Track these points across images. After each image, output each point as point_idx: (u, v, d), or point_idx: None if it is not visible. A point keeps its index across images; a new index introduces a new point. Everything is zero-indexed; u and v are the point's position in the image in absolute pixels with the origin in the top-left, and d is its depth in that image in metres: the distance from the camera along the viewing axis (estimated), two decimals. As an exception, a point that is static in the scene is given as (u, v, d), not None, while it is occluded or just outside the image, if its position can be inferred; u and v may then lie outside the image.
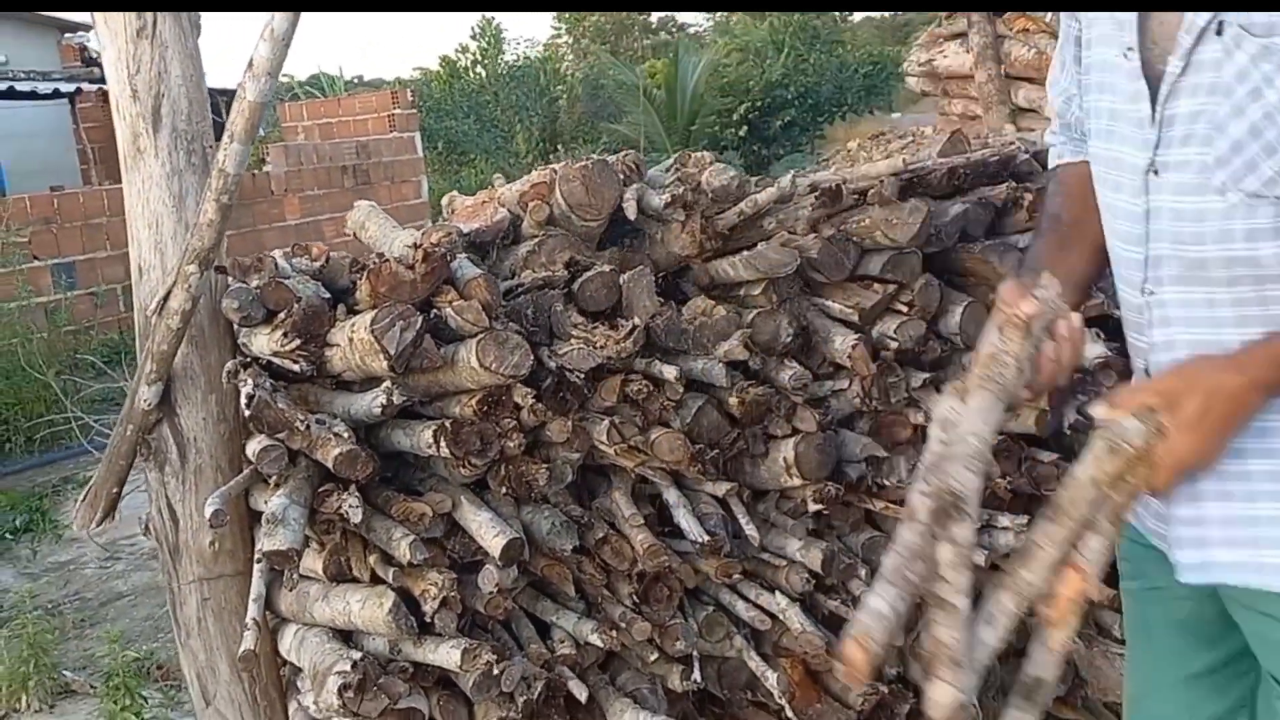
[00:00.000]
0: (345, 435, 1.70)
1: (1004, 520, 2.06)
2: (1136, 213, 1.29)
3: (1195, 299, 1.27)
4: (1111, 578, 2.07)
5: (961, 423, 1.21)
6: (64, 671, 3.45)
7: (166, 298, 1.71)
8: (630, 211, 1.93)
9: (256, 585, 1.78)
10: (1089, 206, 1.43)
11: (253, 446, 1.71)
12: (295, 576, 1.75)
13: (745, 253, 1.97)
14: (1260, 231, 1.20)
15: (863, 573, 2.00)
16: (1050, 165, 1.57)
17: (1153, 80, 1.24)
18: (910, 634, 2.05)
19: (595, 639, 1.85)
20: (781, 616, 1.94)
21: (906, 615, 1.09)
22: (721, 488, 1.95)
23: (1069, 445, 2.12)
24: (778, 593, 1.96)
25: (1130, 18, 1.26)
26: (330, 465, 1.68)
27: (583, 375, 1.82)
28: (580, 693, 1.84)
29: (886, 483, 2.02)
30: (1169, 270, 1.28)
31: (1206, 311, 1.27)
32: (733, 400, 1.93)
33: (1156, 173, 1.25)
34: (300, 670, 1.84)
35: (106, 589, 4.32)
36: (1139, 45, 1.25)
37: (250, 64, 1.56)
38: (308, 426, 1.67)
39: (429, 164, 11.87)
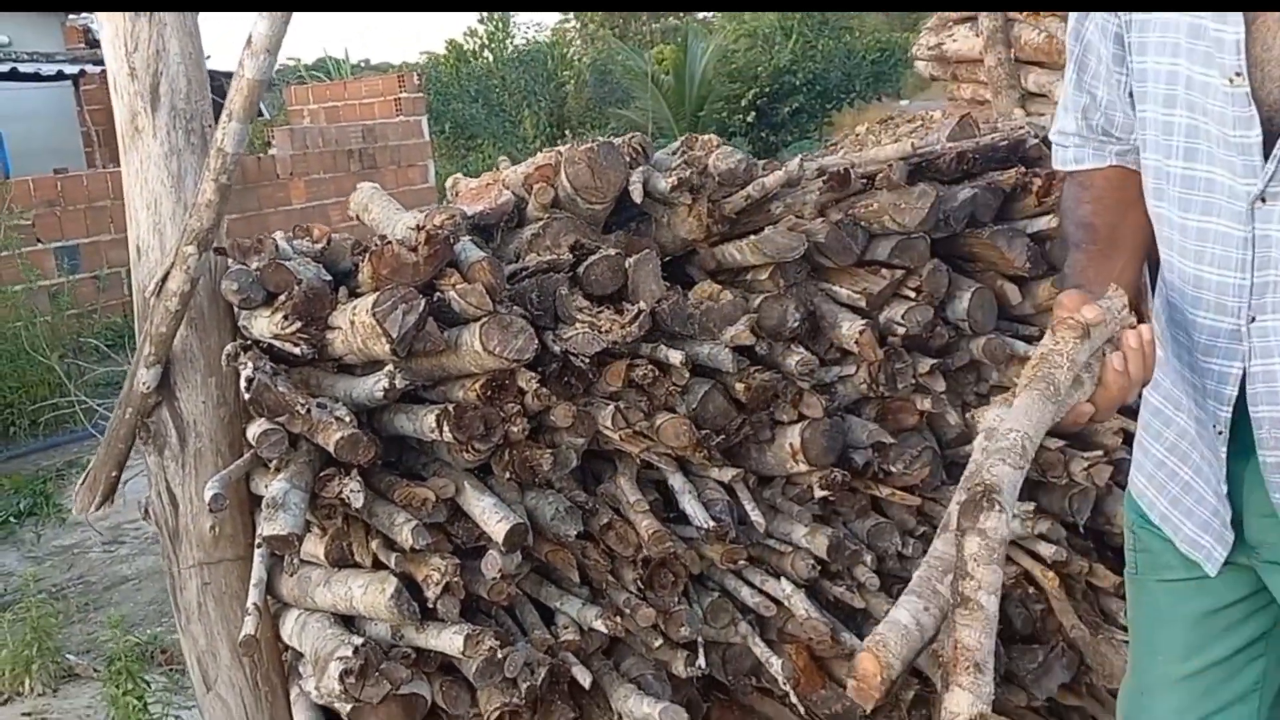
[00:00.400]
0: (347, 419, 1.68)
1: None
2: (1237, 238, 1.26)
3: None
4: (1116, 565, 2.04)
5: (1004, 420, 1.14)
6: (67, 655, 3.45)
7: (165, 279, 1.69)
8: (636, 194, 1.91)
9: (257, 570, 1.77)
10: (1123, 212, 1.40)
11: (253, 430, 1.69)
12: (296, 562, 1.74)
13: (752, 237, 1.94)
14: None
15: (868, 559, 1.99)
16: (1062, 167, 1.50)
17: (1261, 107, 1.20)
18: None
19: (599, 625, 1.83)
20: (786, 603, 1.93)
21: (932, 629, 1.01)
22: (727, 473, 1.94)
23: (1075, 434, 2.10)
24: (783, 579, 1.94)
25: (1233, 40, 1.19)
26: (331, 449, 1.66)
27: (587, 360, 1.80)
28: (584, 678, 1.83)
29: (893, 469, 2.00)
30: (1275, 298, 1.26)
31: None
32: (739, 386, 1.91)
33: (1265, 200, 1.22)
34: (302, 656, 1.83)
35: (111, 573, 4.32)
36: (1246, 71, 1.19)
37: (249, 41, 1.54)
38: (308, 410, 1.65)
39: (436, 148, 11.83)
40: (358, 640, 1.70)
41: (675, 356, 1.83)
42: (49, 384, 5.93)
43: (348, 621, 1.79)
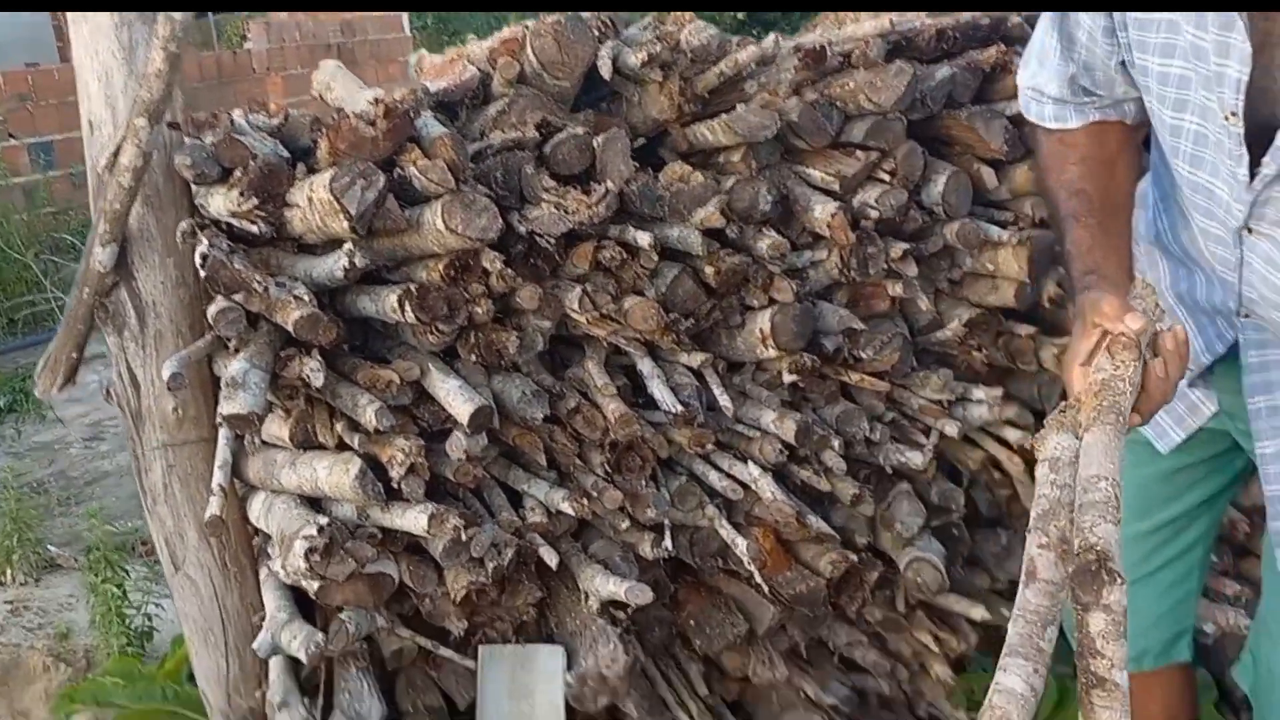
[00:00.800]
0: (306, 298, 1.65)
1: (978, 393, 2.04)
2: (1230, 244, 1.30)
3: None
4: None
5: (1081, 464, 1.07)
6: (49, 546, 3.47)
7: (117, 153, 1.64)
8: (604, 70, 1.85)
9: (222, 452, 1.76)
10: (1110, 172, 1.39)
11: (211, 309, 1.67)
12: (257, 441, 1.73)
13: (724, 116, 1.89)
14: None
15: (836, 444, 1.99)
16: (1039, 122, 1.45)
17: (1252, 146, 1.20)
18: (880, 503, 2.05)
19: (566, 507, 1.84)
20: (753, 486, 1.93)
21: (1042, 689, 0.95)
22: (696, 358, 1.92)
23: (1046, 319, 2.09)
24: (750, 463, 1.95)
25: (1235, 79, 1.16)
26: (291, 328, 1.64)
27: (554, 241, 1.77)
28: (551, 559, 1.84)
29: (863, 355, 1.99)
30: (1261, 310, 1.31)
31: None
32: (708, 269, 1.88)
33: (1250, 230, 1.25)
34: (269, 537, 1.84)
35: (91, 468, 4.33)
36: (1242, 111, 1.18)
37: (193, -102, 1.47)
38: (266, 289, 1.62)
39: (417, 44, 11.52)
40: (323, 520, 1.70)
41: (644, 238, 1.80)
42: (26, 281, 5.86)
43: (314, 503, 1.79)
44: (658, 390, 1.88)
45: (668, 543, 1.92)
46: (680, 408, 1.86)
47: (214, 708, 1.91)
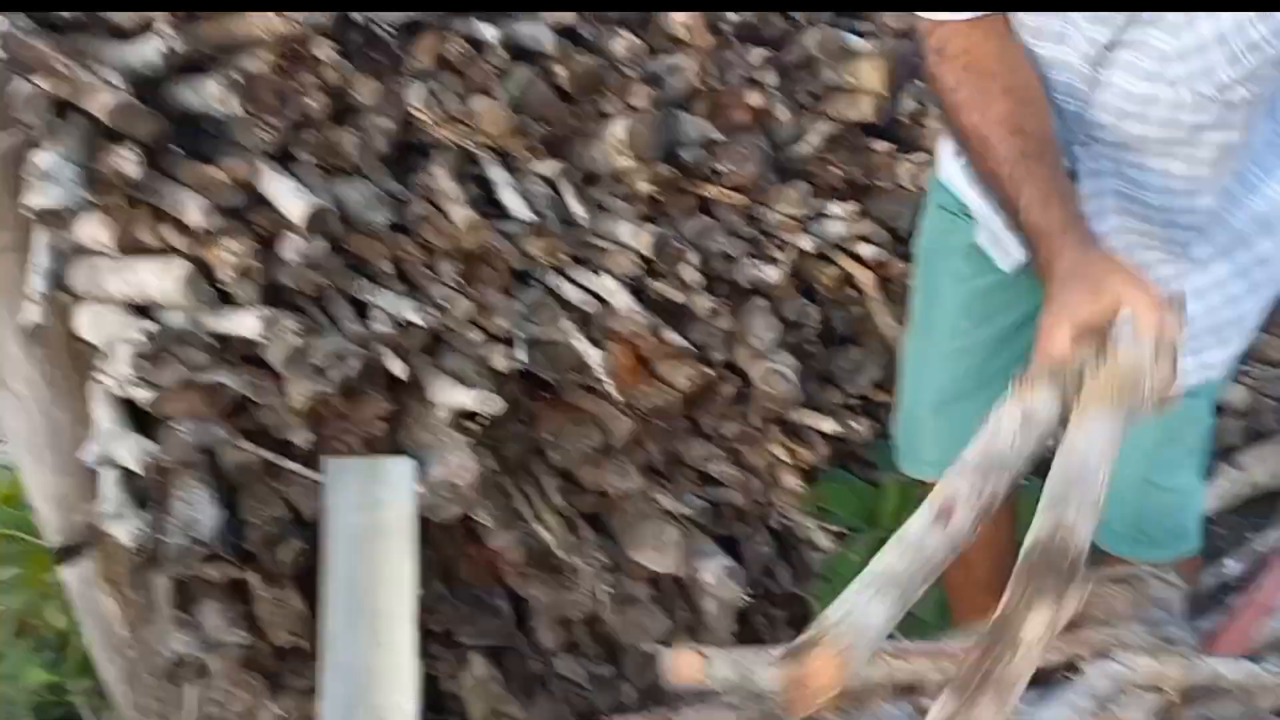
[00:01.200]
0: (118, 85, 1.53)
1: (835, 209, 2.04)
2: (1085, 68, 1.26)
3: (1128, 160, 1.30)
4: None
5: (1081, 443, 0.98)
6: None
7: (-110, -86, 1.47)
8: None
9: (39, 257, 1.65)
10: (1041, 108, 1.28)
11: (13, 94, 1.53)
12: (69, 236, 1.62)
13: (576, -95, 1.79)
14: (1204, 125, 1.22)
15: (694, 260, 1.97)
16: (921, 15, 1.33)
17: None
18: (736, 319, 2.06)
19: (415, 317, 1.79)
20: (609, 299, 1.91)
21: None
22: (550, 167, 1.86)
23: (903, 135, 2.08)
24: (606, 275, 1.92)
25: None
26: (104, 118, 1.52)
27: (392, 30, 1.67)
28: (399, 370, 1.80)
29: (721, 168, 1.96)
30: (1111, 131, 1.29)
31: (1137, 173, 1.31)
32: (561, 70, 1.80)
33: (1109, 49, 1.22)
34: (101, 351, 1.75)
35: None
36: None
37: None
38: (71, 69, 1.49)
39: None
40: (151, 326, 1.62)
41: (490, 32, 1.71)
42: None
43: (144, 312, 1.70)
44: (510, 198, 1.82)
45: (521, 354, 1.89)
46: (533, 216, 1.81)
47: (48, 525, 1.84)
